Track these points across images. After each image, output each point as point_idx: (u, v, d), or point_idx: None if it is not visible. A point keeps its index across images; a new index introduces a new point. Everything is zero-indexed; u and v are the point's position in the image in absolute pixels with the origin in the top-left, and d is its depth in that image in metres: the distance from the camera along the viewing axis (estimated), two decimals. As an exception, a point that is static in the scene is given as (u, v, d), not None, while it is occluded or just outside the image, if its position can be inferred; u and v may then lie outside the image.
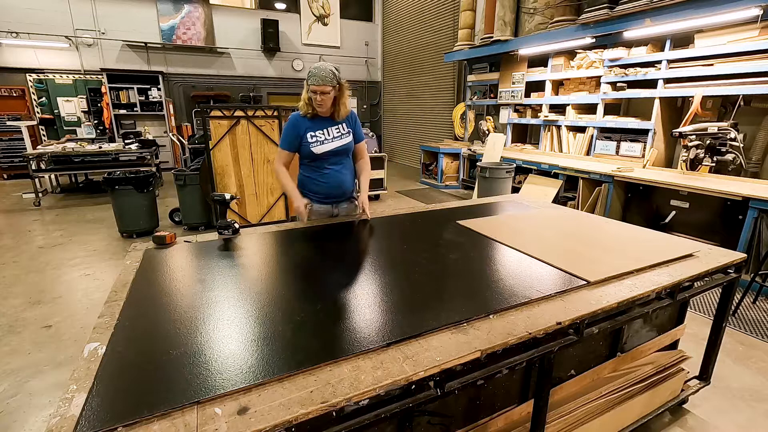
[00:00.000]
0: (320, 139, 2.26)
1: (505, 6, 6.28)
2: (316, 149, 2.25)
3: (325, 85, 2.12)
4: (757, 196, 3.28)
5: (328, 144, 2.27)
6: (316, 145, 2.25)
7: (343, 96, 2.25)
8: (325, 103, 2.17)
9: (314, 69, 2.11)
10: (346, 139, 2.33)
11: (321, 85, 2.11)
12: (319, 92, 2.12)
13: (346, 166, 2.40)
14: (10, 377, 2.39)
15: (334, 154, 2.30)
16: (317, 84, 2.10)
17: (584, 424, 1.58)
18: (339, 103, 2.24)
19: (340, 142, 2.31)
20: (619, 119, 5.10)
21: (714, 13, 3.83)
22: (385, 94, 12.29)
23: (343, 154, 2.36)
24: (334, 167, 2.34)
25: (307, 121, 2.25)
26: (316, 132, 2.25)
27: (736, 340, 2.74)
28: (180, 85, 9.75)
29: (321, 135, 2.26)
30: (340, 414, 0.93)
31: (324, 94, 2.14)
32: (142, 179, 4.81)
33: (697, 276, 1.66)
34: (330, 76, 2.11)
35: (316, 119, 2.26)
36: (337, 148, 2.30)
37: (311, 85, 2.12)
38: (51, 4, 8.30)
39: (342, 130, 2.32)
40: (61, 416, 0.86)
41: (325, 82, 2.10)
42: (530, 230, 2.17)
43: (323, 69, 2.11)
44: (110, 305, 1.34)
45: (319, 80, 2.09)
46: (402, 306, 1.33)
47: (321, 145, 2.26)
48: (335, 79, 2.14)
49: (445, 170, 7.89)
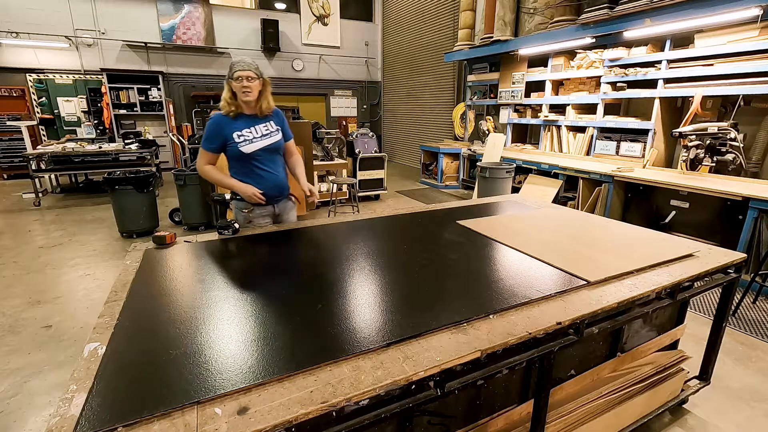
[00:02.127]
0: (248, 137, 2.18)
1: (505, 6, 6.28)
2: (245, 148, 2.17)
3: (251, 71, 2.09)
4: (757, 196, 3.28)
5: (258, 142, 2.20)
6: (245, 144, 2.17)
7: (267, 91, 2.23)
8: (252, 91, 2.12)
9: (236, 59, 2.14)
10: (275, 136, 2.28)
11: (246, 70, 2.07)
12: (245, 78, 2.08)
13: (279, 165, 2.36)
14: (10, 377, 2.39)
15: (264, 153, 2.24)
16: (242, 69, 2.07)
17: (584, 424, 1.59)
18: (263, 97, 2.21)
19: (270, 140, 2.25)
20: (619, 119, 5.10)
21: (714, 13, 3.83)
22: (385, 94, 12.29)
23: (274, 153, 2.29)
24: (268, 167, 2.27)
25: (231, 120, 2.17)
26: (242, 131, 2.17)
27: (736, 340, 2.74)
28: (180, 85, 9.75)
29: (249, 133, 2.19)
30: (340, 414, 0.93)
31: (250, 80, 2.10)
32: (142, 179, 4.81)
33: (697, 276, 1.66)
34: (254, 65, 2.12)
35: (241, 118, 2.19)
36: (267, 146, 2.24)
37: (236, 72, 2.07)
38: (51, 4, 8.30)
39: (270, 127, 2.27)
40: (61, 416, 0.86)
41: (250, 68, 2.09)
42: (530, 230, 2.17)
43: (245, 58, 2.14)
44: (110, 305, 1.34)
45: (244, 66, 2.08)
46: (402, 306, 1.33)
47: (250, 143, 2.18)
48: (258, 70, 2.14)
49: (445, 170, 7.90)
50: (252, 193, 2.18)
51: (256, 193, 2.18)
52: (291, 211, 2.48)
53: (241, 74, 2.07)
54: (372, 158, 6.83)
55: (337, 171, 6.61)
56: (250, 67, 2.09)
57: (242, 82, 2.08)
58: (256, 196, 2.18)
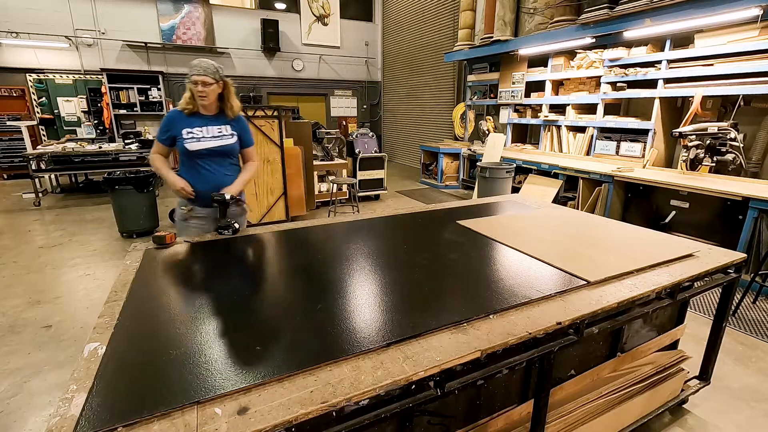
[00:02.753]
0: (197, 136, 2.17)
1: (505, 6, 6.28)
2: (190, 145, 2.15)
3: (207, 76, 2.08)
4: (757, 196, 3.28)
5: (204, 142, 2.18)
6: (191, 141, 2.15)
7: (230, 94, 2.22)
8: (208, 96, 2.12)
9: (195, 61, 2.09)
10: (226, 140, 2.24)
11: (202, 75, 2.06)
12: (200, 83, 2.07)
13: (228, 169, 2.30)
14: (10, 377, 2.39)
15: (211, 154, 2.21)
16: (198, 74, 2.06)
17: (584, 424, 1.58)
18: (226, 100, 2.21)
19: (218, 143, 2.22)
20: (619, 119, 5.10)
21: (714, 13, 3.83)
22: (385, 94, 12.29)
23: (222, 156, 2.26)
24: (211, 168, 2.23)
25: (185, 117, 2.17)
26: (193, 128, 2.16)
27: (736, 340, 2.73)
28: (180, 85, 9.73)
29: (198, 132, 2.17)
30: (340, 414, 0.93)
31: (206, 85, 2.09)
32: (142, 179, 4.81)
33: (697, 276, 1.66)
34: (212, 69, 2.09)
35: (197, 116, 2.18)
36: (213, 147, 2.20)
37: (192, 76, 2.07)
38: (51, 4, 8.30)
39: (225, 131, 2.24)
40: (61, 416, 0.86)
41: (206, 72, 2.07)
42: (530, 230, 2.17)
43: (205, 62, 2.09)
44: (110, 305, 1.34)
45: (200, 70, 2.06)
46: (402, 306, 1.33)
47: (196, 142, 2.16)
48: (217, 73, 2.12)
49: (445, 170, 7.89)
50: (180, 187, 2.15)
51: (183, 187, 2.15)
52: (240, 218, 2.37)
53: (197, 79, 2.07)
54: (372, 158, 6.83)
55: (337, 171, 6.61)
56: (207, 72, 2.07)
57: (197, 86, 2.08)
58: (183, 190, 2.15)
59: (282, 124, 5.00)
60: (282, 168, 5.07)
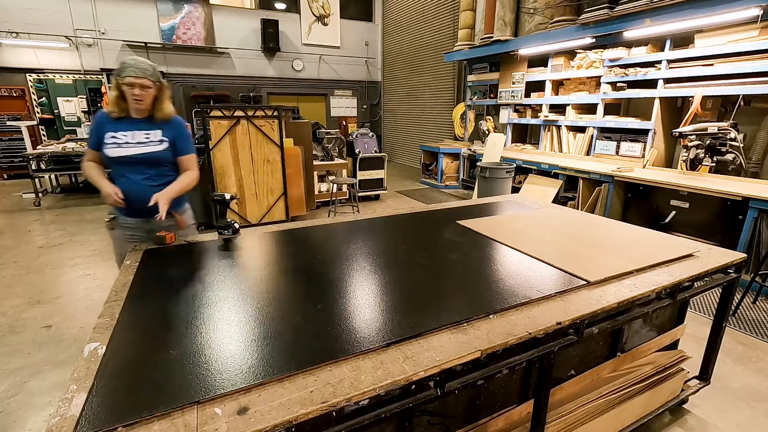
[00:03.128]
0: (119, 141, 1.95)
1: (505, 6, 6.28)
2: (110, 152, 1.95)
3: (145, 78, 1.88)
4: (757, 196, 3.28)
5: (128, 148, 1.96)
6: (112, 147, 1.94)
7: (165, 96, 2.03)
8: (145, 100, 1.93)
9: (130, 60, 1.87)
10: (154, 147, 2.01)
11: (141, 78, 1.86)
12: (137, 85, 1.86)
13: (154, 179, 2.03)
14: (10, 377, 2.39)
15: (134, 162, 1.98)
16: (136, 75, 1.85)
17: (584, 424, 1.59)
18: (158, 102, 2.00)
19: (145, 149, 1.99)
20: (619, 119, 5.10)
21: (714, 13, 3.83)
22: (385, 94, 12.29)
23: (149, 164, 2.02)
24: (133, 177, 2.00)
25: (111, 121, 1.96)
26: (117, 133, 1.96)
27: (736, 340, 2.73)
28: (180, 85, 9.75)
29: (122, 137, 1.96)
30: (340, 414, 0.93)
31: (144, 88, 1.89)
32: (142, 179, 4.80)
33: (697, 276, 1.66)
34: (150, 71, 1.90)
35: (124, 120, 1.97)
36: (137, 155, 1.98)
37: (127, 77, 1.85)
38: (51, 4, 8.30)
39: (153, 137, 2.01)
40: (61, 416, 0.86)
41: (145, 75, 1.87)
42: (530, 230, 2.17)
43: (142, 62, 1.89)
44: (110, 305, 1.34)
45: (138, 71, 1.85)
46: (402, 306, 1.33)
47: (117, 148, 1.95)
48: (155, 75, 1.93)
49: (445, 170, 7.89)
50: (108, 193, 1.92)
51: (112, 194, 1.91)
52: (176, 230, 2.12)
53: (133, 82, 1.86)
54: (372, 158, 6.83)
55: (337, 171, 6.61)
56: (146, 74, 1.88)
57: (134, 89, 1.88)
58: (112, 196, 1.91)
59: (282, 124, 5.01)
60: (282, 168, 5.07)
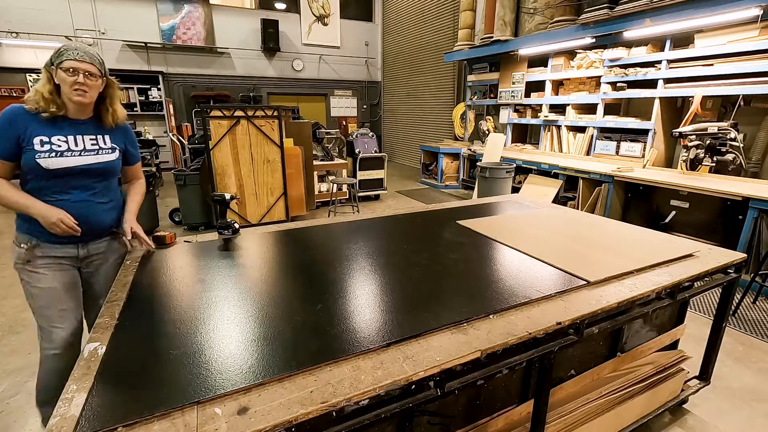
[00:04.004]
0: (57, 148, 1.53)
1: (505, 6, 6.28)
2: (46, 162, 1.50)
3: (92, 64, 1.51)
4: (757, 196, 3.28)
5: (71, 158, 1.55)
6: (49, 156, 1.51)
7: (115, 95, 1.67)
8: (90, 92, 1.53)
9: (71, 44, 1.52)
10: (105, 156, 1.65)
11: (86, 63, 1.49)
12: (82, 71, 1.48)
13: (105, 195, 1.69)
14: (10, 377, 2.39)
15: (81, 174, 1.59)
16: (81, 59, 1.48)
17: (584, 424, 1.58)
18: (108, 103, 1.65)
19: (95, 159, 1.61)
20: (619, 119, 5.10)
21: (714, 13, 3.83)
22: (385, 94, 12.29)
23: (97, 177, 1.65)
24: (80, 194, 1.60)
25: (36, 120, 1.50)
26: (52, 137, 1.52)
27: (736, 340, 2.73)
28: (180, 85, 9.75)
29: (60, 143, 1.53)
30: (340, 414, 0.93)
31: (90, 76, 1.51)
32: (142, 179, 4.81)
33: (697, 276, 1.66)
34: (98, 58, 1.55)
35: (57, 121, 1.54)
36: (85, 165, 1.59)
37: (67, 60, 1.46)
38: (51, 4, 8.30)
39: (102, 143, 1.65)
40: (61, 416, 0.86)
41: (92, 60, 1.51)
42: (530, 230, 2.17)
43: (85, 46, 1.53)
44: (110, 305, 1.34)
45: (83, 55, 1.49)
46: (402, 306, 1.33)
47: (57, 157, 1.52)
48: (103, 66, 1.59)
49: (445, 170, 7.89)
50: (57, 219, 1.51)
51: (64, 220, 1.52)
52: (111, 256, 1.78)
53: (76, 66, 1.47)
54: (372, 158, 6.84)
55: (337, 171, 6.61)
56: (93, 59, 1.52)
57: (77, 76, 1.48)
58: (64, 223, 1.52)
59: (282, 124, 5.01)
60: (282, 168, 5.07)
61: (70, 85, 1.49)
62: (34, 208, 1.52)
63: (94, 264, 1.74)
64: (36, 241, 1.59)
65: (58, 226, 1.52)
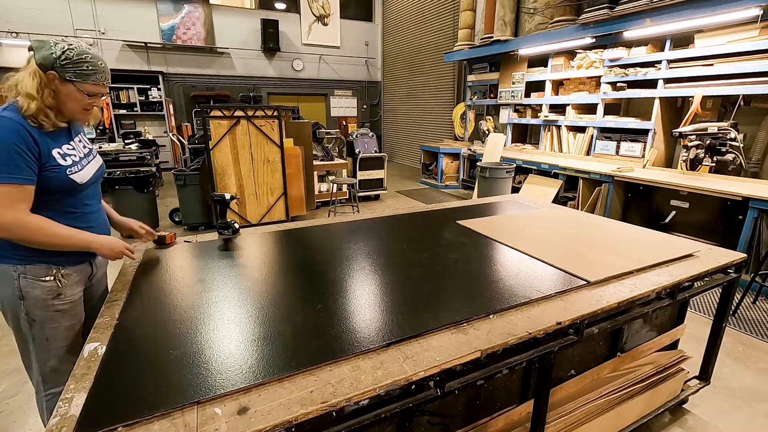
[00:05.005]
0: (75, 159, 1.39)
1: (505, 6, 6.28)
2: (80, 177, 1.38)
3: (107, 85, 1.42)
4: (757, 196, 3.28)
5: (87, 166, 1.44)
6: (76, 170, 1.37)
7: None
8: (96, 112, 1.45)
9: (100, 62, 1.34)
10: (98, 156, 1.58)
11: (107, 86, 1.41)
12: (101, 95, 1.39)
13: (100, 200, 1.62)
14: (10, 377, 2.39)
15: (95, 183, 1.52)
16: (106, 83, 1.38)
17: (584, 424, 1.58)
18: None
19: (98, 162, 1.54)
20: (619, 119, 5.10)
21: (714, 13, 3.83)
22: (385, 94, 12.29)
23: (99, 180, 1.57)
24: (95, 204, 1.52)
25: (37, 131, 1.27)
26: (63, 147, 1.36)
27: (736, 340, 2.73)
28: (180, 85, 9.75)
29: (72, 152, 1.39)
30: (340, 414, 0.93)
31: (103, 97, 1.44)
32: (142, 179, 4.81)
33: (697, 276, 1.66)
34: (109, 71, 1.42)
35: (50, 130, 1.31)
36: (98, 171, 1.52)
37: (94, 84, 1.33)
38: (51, 4, 8.30)
39: (87, 143, 1.54)
40: (61, 416, 0.86)
41: (108, 80, 1.40)
42: (530, 230, 2.17)
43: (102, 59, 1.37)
44: (110, 305, 1.34)
45: (107, 78, 1.38)
46: (402, 306, 1.33)
47: (81, 169, 1.39)
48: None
49: (445, 170, 7.90)
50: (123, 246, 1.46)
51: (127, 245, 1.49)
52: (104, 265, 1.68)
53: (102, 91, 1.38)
54: (372, 158, 6.84)
55: (337, 171, 6.61)
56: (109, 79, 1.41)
57: (95, 99, 1.38)
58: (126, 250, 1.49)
59: (282, 124, 5.01)
60: (282, 168, 5.07)
61: (82, 105, 1.34)
62: (95, 242, 1.39)
63: (96, 277, 1.60)
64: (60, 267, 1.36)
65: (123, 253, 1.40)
